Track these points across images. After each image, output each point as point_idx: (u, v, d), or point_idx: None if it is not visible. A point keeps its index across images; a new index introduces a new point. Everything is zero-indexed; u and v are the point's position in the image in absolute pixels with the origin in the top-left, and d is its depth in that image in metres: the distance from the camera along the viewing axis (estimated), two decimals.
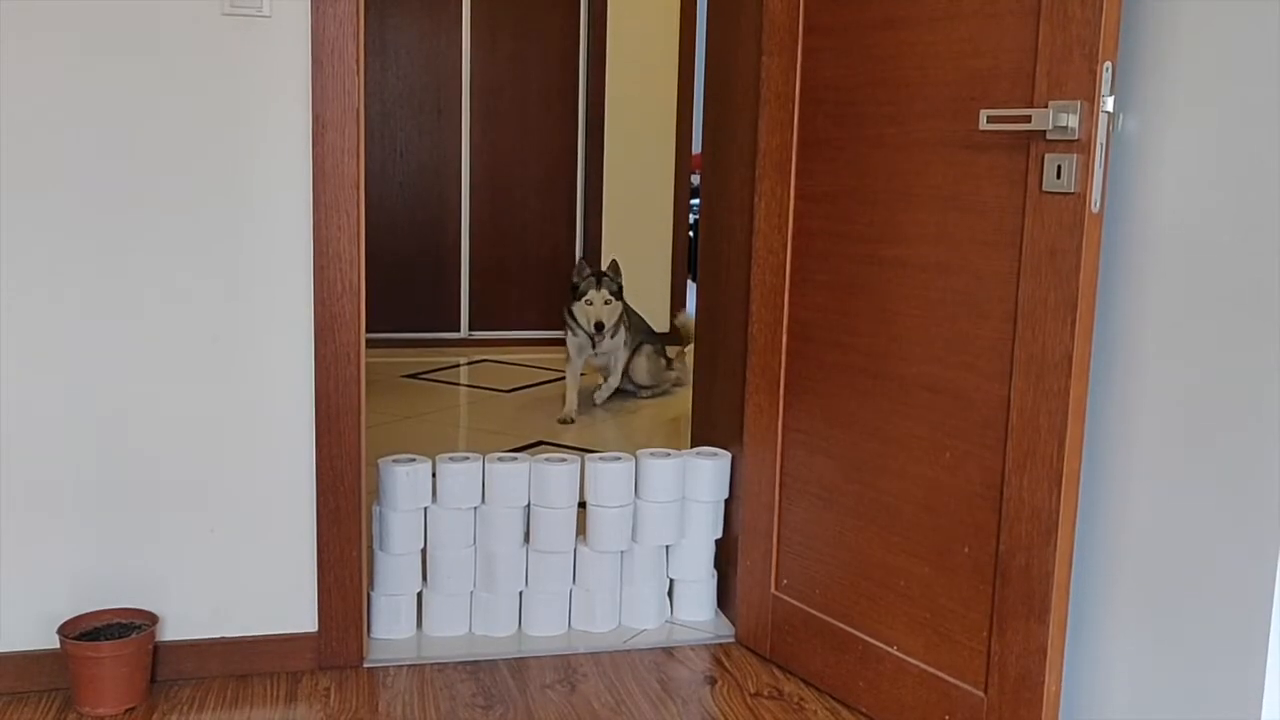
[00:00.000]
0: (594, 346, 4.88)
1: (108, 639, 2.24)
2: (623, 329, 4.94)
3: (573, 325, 4.88)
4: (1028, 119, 1.86)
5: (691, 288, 6.64)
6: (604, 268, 5.14)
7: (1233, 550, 1.68)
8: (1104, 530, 1.95)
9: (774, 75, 2.42)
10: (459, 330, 6.39)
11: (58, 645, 2.28)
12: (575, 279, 4.82)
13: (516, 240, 6.40)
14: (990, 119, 1.92)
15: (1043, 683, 1.93)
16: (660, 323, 6.56)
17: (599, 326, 4.69)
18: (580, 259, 4.97)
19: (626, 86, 6.36)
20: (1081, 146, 1.81)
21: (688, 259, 6.60)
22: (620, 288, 4.85)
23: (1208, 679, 1.73)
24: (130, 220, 2.25)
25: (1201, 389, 1.74)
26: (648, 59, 6.38)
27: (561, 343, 5.19)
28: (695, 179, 6.73)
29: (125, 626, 2.30)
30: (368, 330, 6.10)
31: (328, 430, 2.37)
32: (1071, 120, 1.80)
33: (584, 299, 4.74)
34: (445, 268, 6.33)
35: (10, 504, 2.26)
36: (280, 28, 2.25)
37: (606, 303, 4.73)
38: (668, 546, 2.75)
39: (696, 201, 5.93)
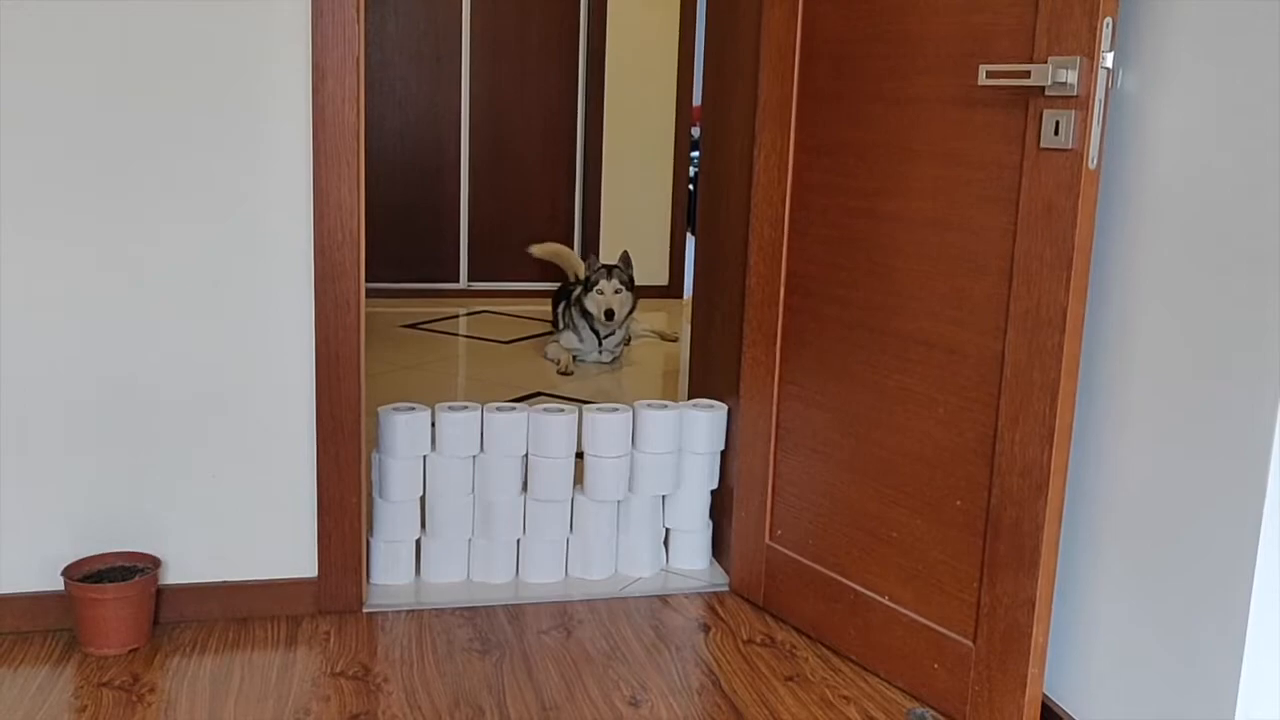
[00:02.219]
0: (600, 344, 4.91)
1: (111, 581, 2.27)
2: (627, 324, 4.99)
3: (575, 324, 4.93)
4: (1027, 74, 1.86)
5: (691, 241, 6.64)
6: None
7: (1218, 506, 1.71)
8: (1094, 486, 1.97)
9: (775, 26, 2.42)
10: (458, 281, 6.40)
11: (62, 587, 2.31)
12: (587, 273, 4.92)
13: (516, 190, 6.39)
14: (989, 74, 1.92)
15: (1030, 633, 1.97)
16: (659, 275, 6.57)
17: (609, 314, 4.78)
18: (591, 255, 5.14)
19: (627, 36, 6.32)
20: (1080, 103, 1.81)
21: (687, 211, 6.59)
22: (631, 279, 4.92)
23: (1191, 633, 1.76)
24: (132, 169, 2.25)
25: (1195, 347, 1.76)
26: (649, 8, 6.33)
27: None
28: (695, 132, 6.70)
29: (128, 569, 2.33)
30: (367, 280, 6.10)
31: (328, 377, 2.39)
32: (1071, 76, 1.80)
33: (595, 289, 4.82)
34: (444, 218, 6.33)
35: (14, 448, 2.29)
36: None
37: (616, 292, 4.83)
38: (664, 496, 2.78)
39: (696, 154, 5.92)
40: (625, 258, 4.96)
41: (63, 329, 2.27)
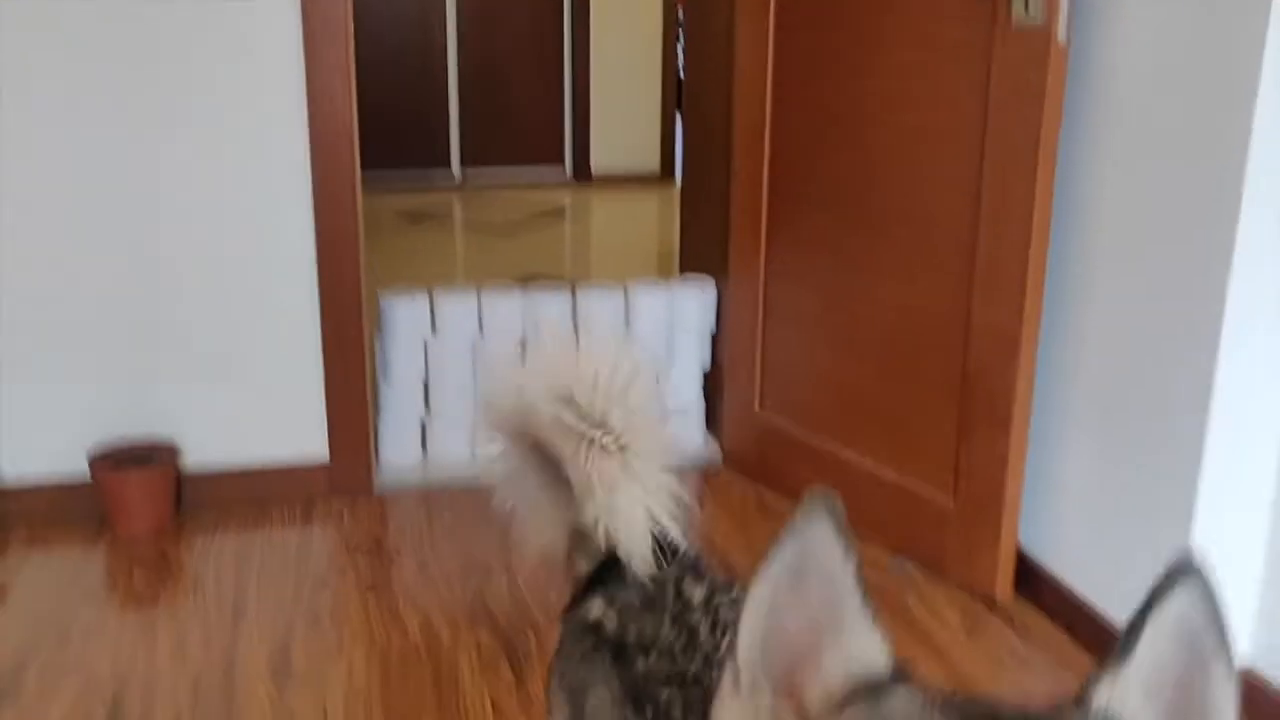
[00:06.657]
0: None
1: (134, 465, 2.38)
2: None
3: None
4: None
5: (681, 122, 6.63)
6: None
7: (1176, 357, 1.81)
8: (1063, 355, 2.06)
9: None
10: (451, 168, 6.42)
11: (88, 474, 2.42)
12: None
13: (504, 79, 6.35)
14: None
15: (1004, 487, 2.08)
16: (650, 162, 6.54)
17: None
18: None
19: None
20: None
21: (676, 94, 6.57)
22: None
23: (1150, 480, 1.88)
24: (140, 79, 2.30)
25: (1154, 220, 1.84)
26: None
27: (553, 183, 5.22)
28: (682, 14, 6.64)
29: (148, 452, 2.43)
30: (364, 169, 6.12)
31: (329, 266, 2.47)
32: None
33: None
34: (434, 107, 6.31)
35: (42, 345, 2.38)
36: None
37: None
38: (657, 374, 2.87)
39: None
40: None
41: (80, 225, 2.35)
